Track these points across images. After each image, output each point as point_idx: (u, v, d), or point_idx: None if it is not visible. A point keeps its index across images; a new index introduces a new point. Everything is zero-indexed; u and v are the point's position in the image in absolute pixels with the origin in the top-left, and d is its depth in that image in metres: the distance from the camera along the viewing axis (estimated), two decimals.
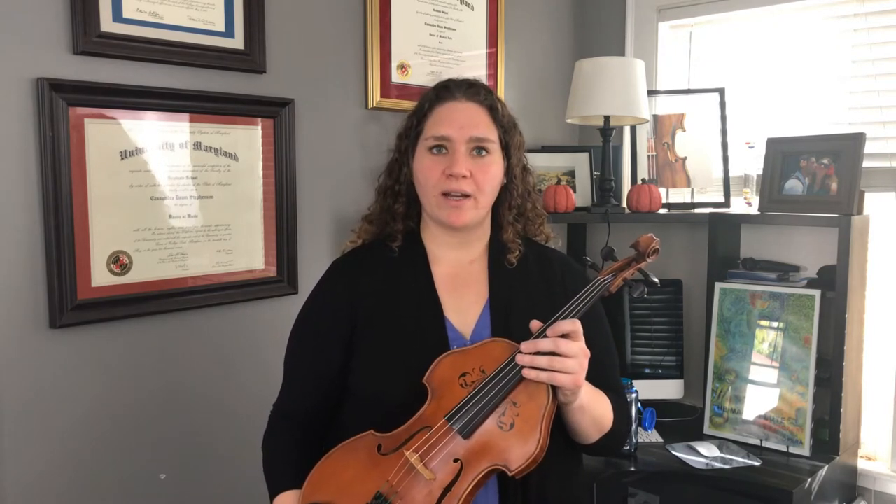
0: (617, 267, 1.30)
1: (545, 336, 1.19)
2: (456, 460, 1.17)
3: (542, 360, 1.16)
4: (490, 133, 1.33)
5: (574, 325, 1.19)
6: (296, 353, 1.42)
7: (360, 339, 1.33)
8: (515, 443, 1.16)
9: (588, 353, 1.20)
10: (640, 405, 2.23)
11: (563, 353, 1.16)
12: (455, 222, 1.31)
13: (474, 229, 1.37)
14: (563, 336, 1.18)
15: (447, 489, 1.16)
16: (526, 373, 1.17)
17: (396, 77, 2.30)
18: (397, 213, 1.39)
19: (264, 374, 1.93)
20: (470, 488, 1.16)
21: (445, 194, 1.30)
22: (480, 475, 1.16)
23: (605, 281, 1.27)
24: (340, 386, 1.35)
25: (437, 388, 1.22)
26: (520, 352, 1.19)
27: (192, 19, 1.84)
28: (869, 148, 2.25)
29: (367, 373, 1.31)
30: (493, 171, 1.33)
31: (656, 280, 1.32)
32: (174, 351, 1.88)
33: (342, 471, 1.23)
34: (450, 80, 1.38)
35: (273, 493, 1.34)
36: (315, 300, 1.42)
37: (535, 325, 1.22)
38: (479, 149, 1.31)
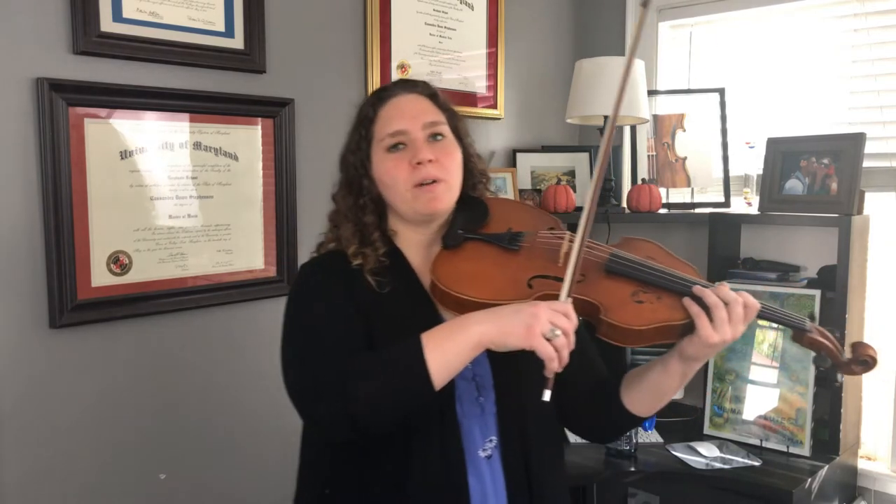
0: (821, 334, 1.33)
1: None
2: (583, 275, 1.20)
3: (713, 298, 1.15)
4: (439, 117, 1.33)
5: (749, 307, 1.19)
6: (318, 330, 1.22)
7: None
8: (630, 310, 1.18)
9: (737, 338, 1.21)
10: None
11: (734, 312, 1.16)
12: (435, 207, 1.28)
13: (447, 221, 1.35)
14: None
15: (557, 279, 1.19)
16: (697, 290, 1.17)
17: (396, 77, 2.30)
18: (369, 224, 1.32)
19: (264, 373, 1.93)
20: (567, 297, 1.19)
21: (418, 185, 1.28)
22: (581, 297, 1.17)
23: (801, 320, 1.29)
24: None
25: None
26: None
27: (192, 19, 1.84)
28: (869, 148, 2.25)
29: None
30: (454, 153, 1.32)
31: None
32: (174, 351, 1.88)
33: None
34: (384, 85, 1.39)
35: (417, 353, 1.11)
36: (315, 291, 1.28)
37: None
38: (435, 135, 1.31)
